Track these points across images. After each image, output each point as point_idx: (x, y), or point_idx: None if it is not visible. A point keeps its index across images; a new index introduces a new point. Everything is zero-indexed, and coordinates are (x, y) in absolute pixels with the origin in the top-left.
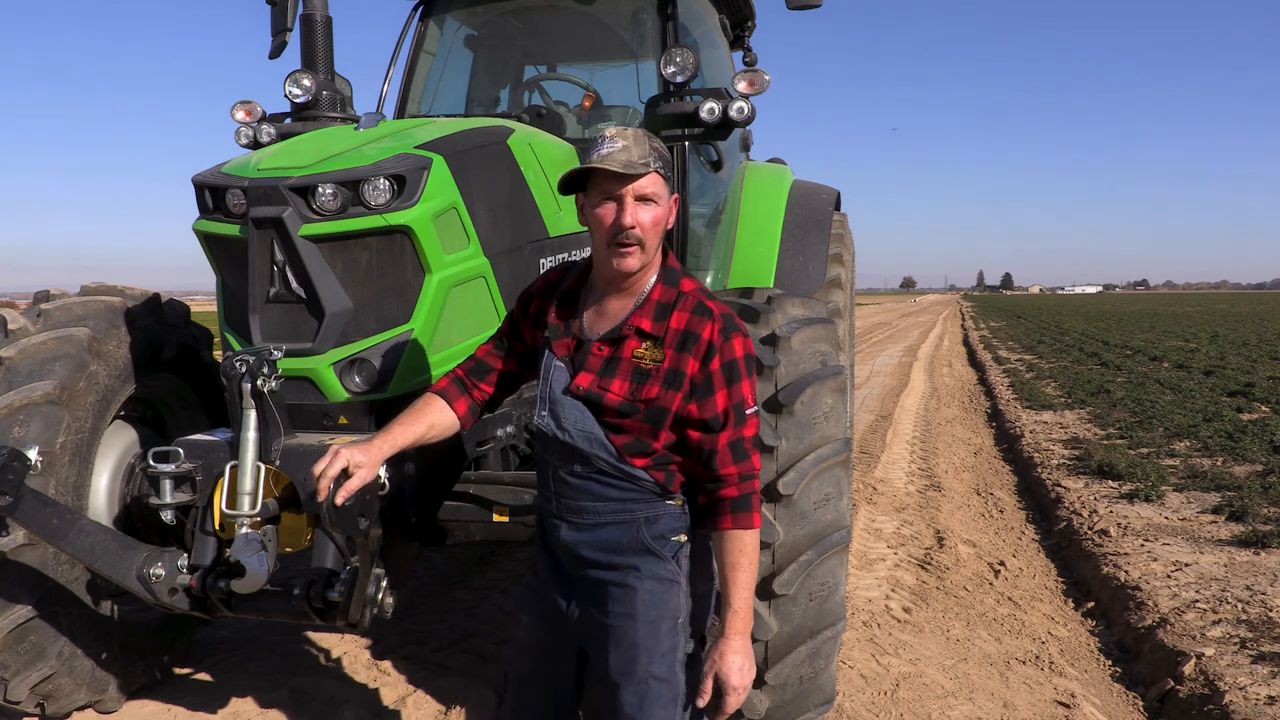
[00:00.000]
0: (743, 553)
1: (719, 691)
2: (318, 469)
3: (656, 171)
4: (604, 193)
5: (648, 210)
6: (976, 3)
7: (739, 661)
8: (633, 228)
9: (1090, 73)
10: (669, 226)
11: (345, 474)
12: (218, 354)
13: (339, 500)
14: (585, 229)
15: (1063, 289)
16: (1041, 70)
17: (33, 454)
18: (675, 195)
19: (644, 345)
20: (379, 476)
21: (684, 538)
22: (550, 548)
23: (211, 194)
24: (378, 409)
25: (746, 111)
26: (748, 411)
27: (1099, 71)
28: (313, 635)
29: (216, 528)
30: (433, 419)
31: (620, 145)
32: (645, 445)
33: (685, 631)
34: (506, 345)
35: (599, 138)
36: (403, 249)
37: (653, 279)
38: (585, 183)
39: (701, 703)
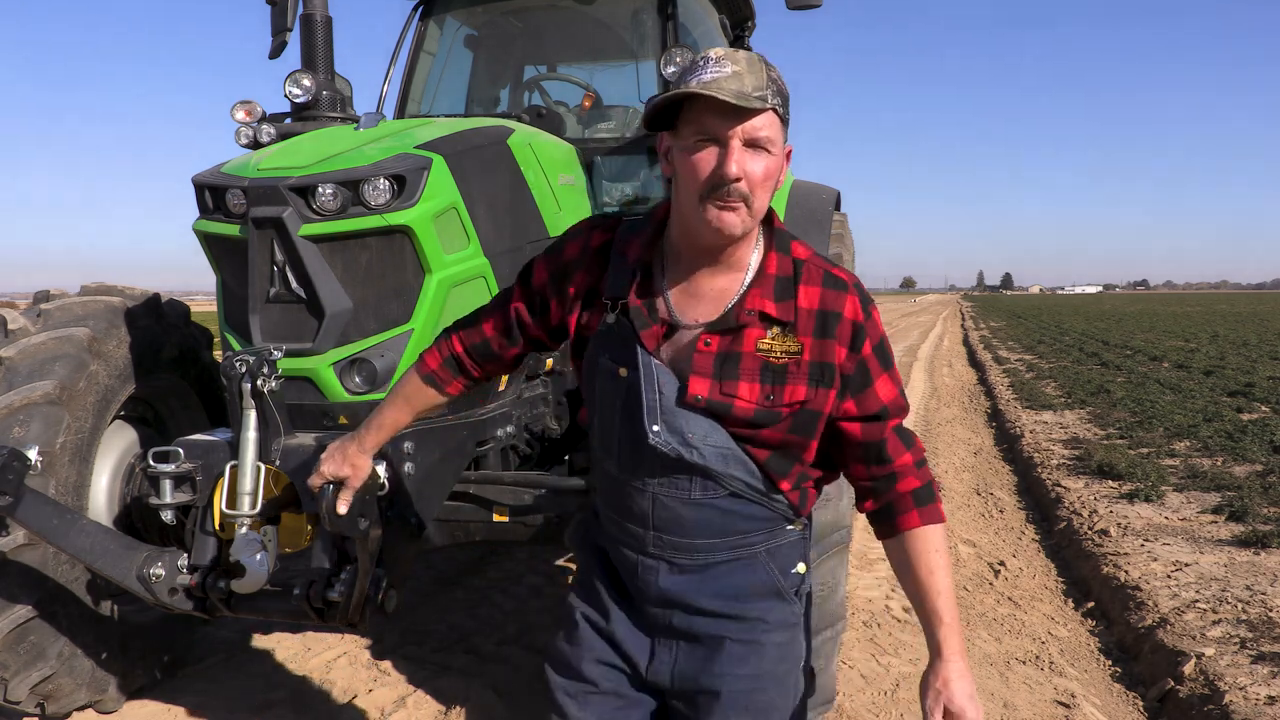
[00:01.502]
0: (940, 551)
1: None
2: (313, 483)
3: (774, 110)
4: (702, 131)
5: (759, 160)
6: (977, 2)
7: (968, 687)
8: (739, 180)
9: (1090, 72)
10: (780, 184)
11: (339, 483)
12: (218, 354)
13: (340, 510)
14: None
15: (1063, 289)
16: (1042, 70)
17: (33, 454)
18: (790, 147)
19: (770, 334)
20: (379, 477)
21: (804, 567)
22: (627, 595)
23: (211, 194)
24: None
25: None
26: (901, 389)
27: (1099, 71)
28: (313, 635)
29: (216, 528)
30: (421, 407)
31: (730, 70)
32: (791, 462)
33: (806, 672)
34: (520, 328)
35: (700, 59)
36: (403, 249)
37: (761, 247)
38: (673, 117)
39: None
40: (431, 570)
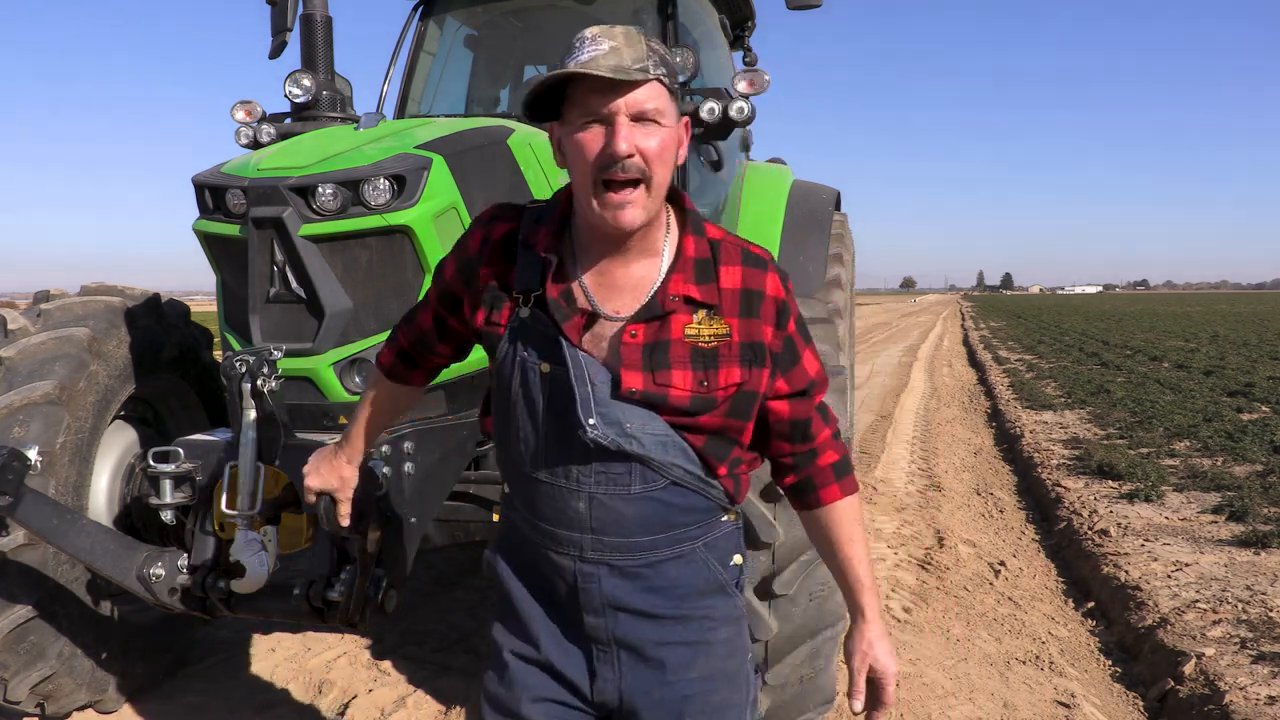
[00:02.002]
0: (857, 521)
1: (878, 684)
2: (306, 499)
3: (660, 80)
4: (587, 112)
5: (650, 134)
6: (977, 1)
7: (887, 645)
8: (630, 155)
9: (1091, 72)
10: (680, 161)
11: (331, 495)
12: (218, 354)
13: (341, 522)
14: None
15: (1063, 289)
16: (1042, 69)
17: (33, 454)
18: (686, 119)
19: (697, 318)
20: (379, 477)
21: (740, 559)
22: (562, 605)
23: (211, 194)
24: None
25: (746, 111)
26: (824, 365)
27: (1099, 71)
28: (313, 635)
29: (216, 528)
30: (393, 406)
31: (607, 46)
32: (729, 445)
33: (753, 665)
34: (442, 325)
35: (575, 39)
36: (403, 249)
37: (672, 230)
38: (558, 105)
39: (859, 704)
40: (431, 570)
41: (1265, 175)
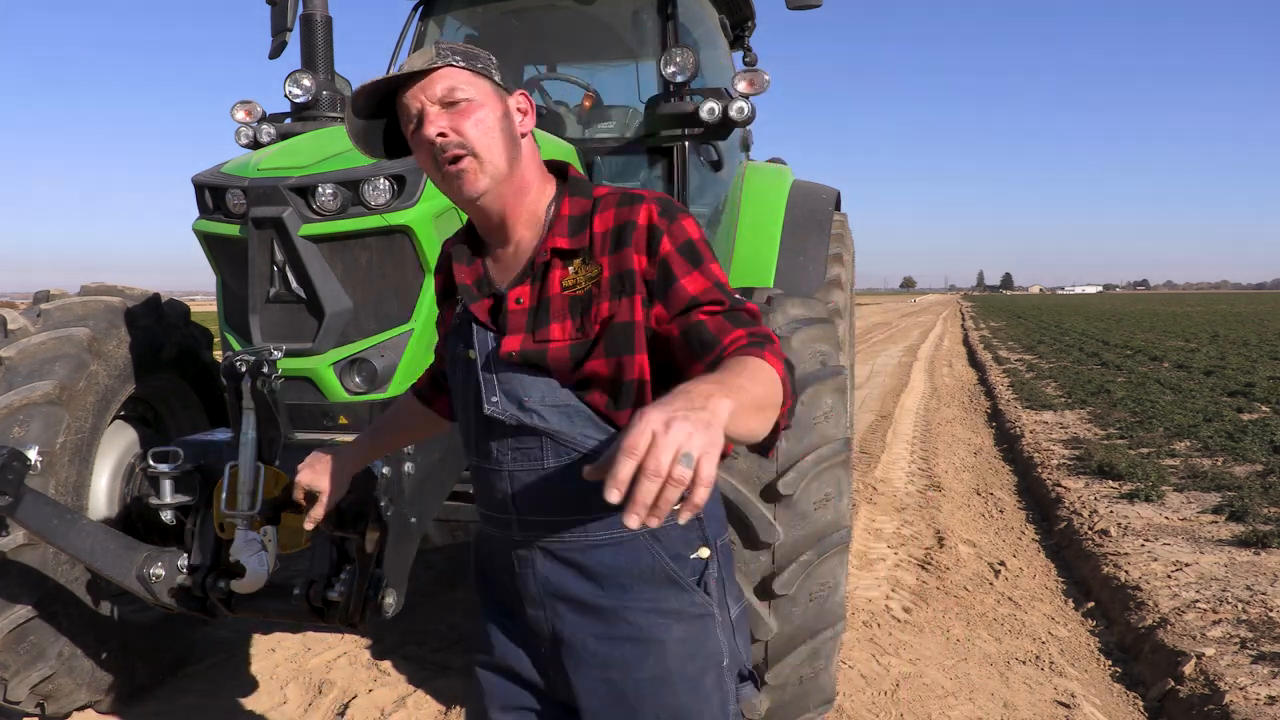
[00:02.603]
0: (758, 371)
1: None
2: (295, 495)
3: (453, 65)
4: (407, 119)
5: (463, 114)
6: (977, 1)
7: (663, 416)
8: (442, 135)
9: (1091, 72)
10: (523, 131)
11: (313, 494)
12: (218, 354)
13: (309, 525)
14: None
15: (1063, 289)
16: (1042, 69)
17: (33, 454)
18: (520, 92)
19: (572, 268)
20: (378, 477)
21: (706, 551)
22: (509, 601)
23: (211, 194)
24: (377, 409)
25: (746, 111)
26: (735, 296)
27: (1099, 71)
28: (313, 635)
29: (216, 528)
30: (411, 426)
31: (407, 63)
32: (626, 388)
33: (733, 675)
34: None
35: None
36: (403, 249)
37: (551, 198)
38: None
39: (600, 475)
40: (431, 570)
41: (1265, 175)
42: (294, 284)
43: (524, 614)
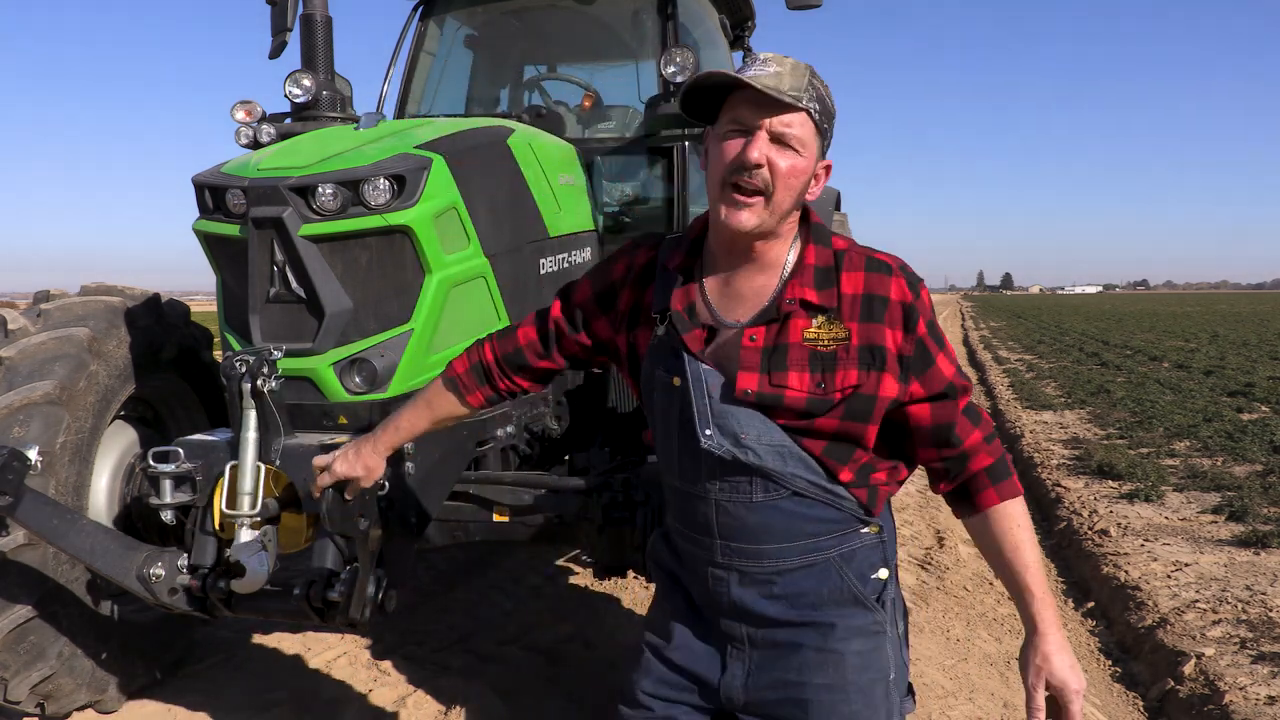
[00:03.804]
0: (1022, 527)
1: (1059, 700)
2: (319, 462)
3: (809, 113)
4: (735, 121)
5: (784, 155)
6: (977, 1)
7: (1068, 659)
8: (759, 166)
9: (1091, 72)
10: (810, 196)
11: (345, 483)
12: (218, 354)
13: (345, 503)
14: (586, 229)
15: (1063, 289)
16: (1042, 69)
17: (33, 454)
18: (828, 163)
19: (816, 322)
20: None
21: (885, 573)
22: (699, 608)
23: (211, 194)
24: (378, 409)
25: None
26: (961, 369)
27: (1099, 70)
28: (313, 635)
29: (216, 528)
30: (439, 413)
31: (773, 70)
32: (849, 451)
33: (900, 689)
34: (558, 343)
35: (750, 58)
36: (403, 249)
37: (797, 244)
38: (716, 112)
39: None
40: (431, 570)
41: (1265, 175)
42: (294, 284)
43: (716, 620)
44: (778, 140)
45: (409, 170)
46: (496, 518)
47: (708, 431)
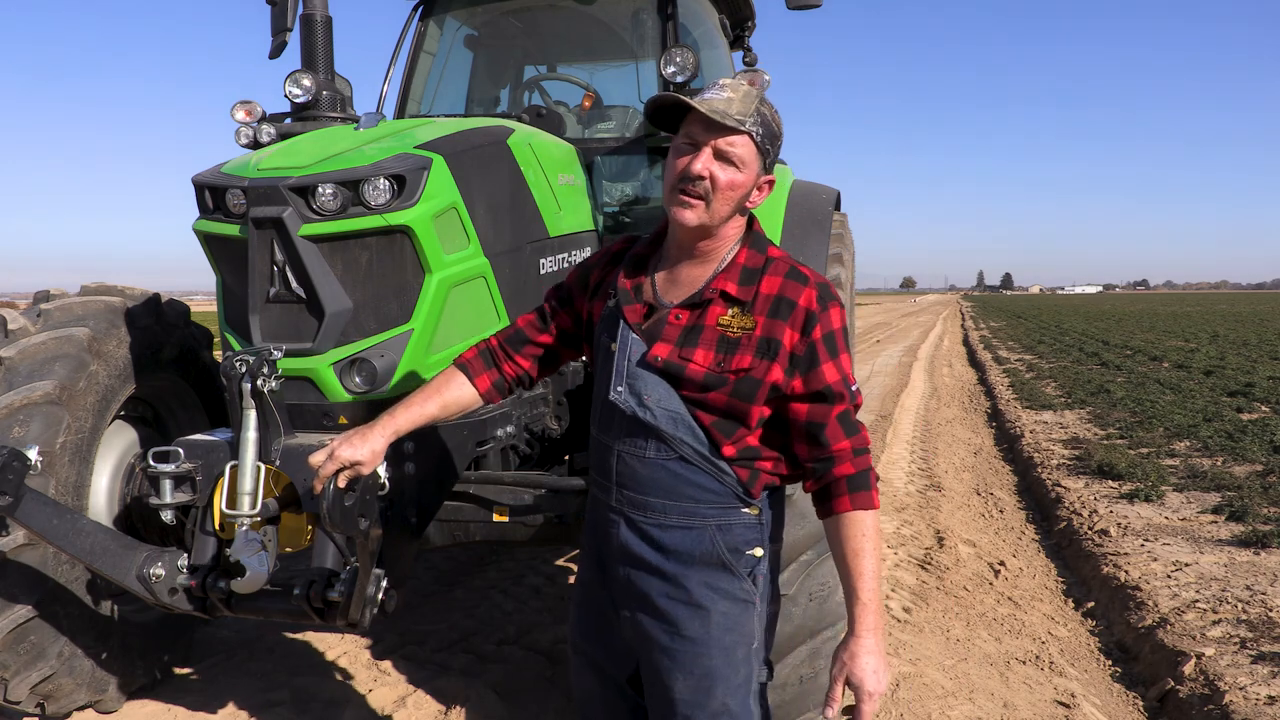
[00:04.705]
0: (866, 537)
1: (856, 700)
2: (316, 460)
3: (750, 135)
4: (688, 136)
5: (726, 170)
6: (977, 1)
7: (874, 663)
8: (701, 177)
9: (1090, 72)
10: (750, 204)
11: (346, 467)
12: (218, 354)
13: (341, 483)
14: (586, 229)
15: (1063, 289)
16: (1042, 69)
17: (33, 454)
18: (770, 178)
19: (730, 311)
20: (379, 476)
21: (760, 552)
22: (600, 548)
23: (211, 194)
24: (377, 409)
25: None
26: (852, 387)
27: (1099, 71)
28: (313, 635)
29: (216, 528)
30: (447, 398)
31: (725, 95)
32: (733, 427)
33: (759, 659)
34: (551, 317)
35: (710, 84)
36: (403, 249)
37: (735, 245)
38: (678, 124)
39: (830, 713)
40: (431, 570)
41: (1265, 175)
42: (294, 284)
43: (613, 568)
44: (721, 157)
45: (409, 170)
46: (496, 518)
47: (619, 389)
